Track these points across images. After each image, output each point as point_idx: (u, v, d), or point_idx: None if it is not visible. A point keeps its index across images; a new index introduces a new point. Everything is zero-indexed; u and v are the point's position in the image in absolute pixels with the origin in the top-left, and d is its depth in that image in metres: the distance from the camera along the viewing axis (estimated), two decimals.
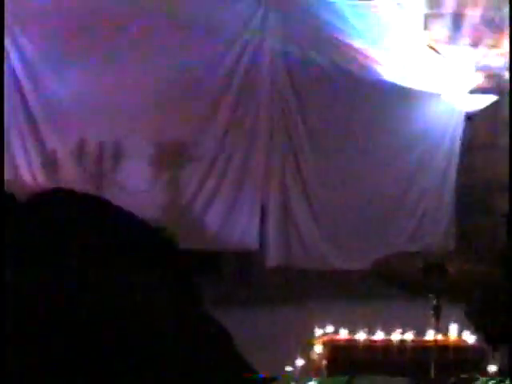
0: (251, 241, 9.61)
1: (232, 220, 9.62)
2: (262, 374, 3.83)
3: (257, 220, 9.65)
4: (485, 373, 5.73)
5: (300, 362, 6.03)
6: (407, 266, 8.39)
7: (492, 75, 10.33)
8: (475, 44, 10.22)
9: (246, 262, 9.90)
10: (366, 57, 9.90)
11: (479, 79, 10.22)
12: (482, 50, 10.26)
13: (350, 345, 6.18)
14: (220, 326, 2.88)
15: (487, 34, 10.28)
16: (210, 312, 2.93)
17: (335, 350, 6.09)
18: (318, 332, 6.27)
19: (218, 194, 9.54)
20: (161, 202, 9.36)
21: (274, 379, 5.62)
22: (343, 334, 6.29)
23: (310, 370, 6.12)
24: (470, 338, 6.90)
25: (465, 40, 10.21)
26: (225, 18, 9.34)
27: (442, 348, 5.96)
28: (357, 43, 9.80)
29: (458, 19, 10.25)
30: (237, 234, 9.64)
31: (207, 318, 2.88)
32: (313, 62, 9.57)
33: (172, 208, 9.48)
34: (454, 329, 7.11)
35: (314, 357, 6.16)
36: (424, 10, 10.14)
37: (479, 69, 10.25)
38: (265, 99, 9.53)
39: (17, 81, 8.91)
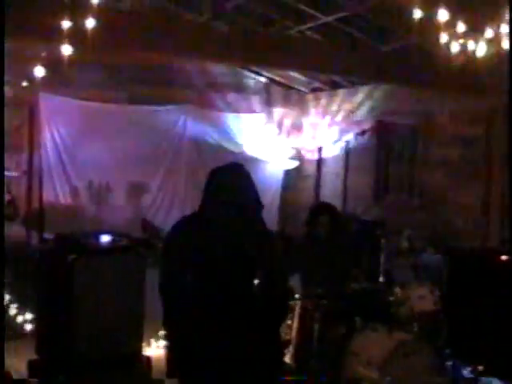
0: None
1: (167, 220, 10.31)
2: None
3: None
4: None
5: None
6: None
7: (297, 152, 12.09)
8: (288, 136, 12.21)
9: None
10: (235, 141, 11.61)
11: (292, 151, 12.07)
12: (291, 139, 12.22)
13: None
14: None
15: (293, 132, 12.28)
16: None
17: None
18: None
19: (159, 210, 11.04)
20: (130, 214, 10.72)
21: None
22: None
23: None
24: None
25: (283, 134, 12.22)
26: (163, 120, 10.90)
27: None
28: (230, 134, 11.57)
29: (280, 126, 12.20)
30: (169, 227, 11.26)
31: None
32: (210, 145, 11.32)
33: (135, 217, 10.68)
34: None
35: None
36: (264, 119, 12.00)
37: (292, 148, 12.12)
38: (184, 162, 11.23)
39: (56, 145, 9.98)
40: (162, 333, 6.08)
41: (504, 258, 6.94)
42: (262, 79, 11.97)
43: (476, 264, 6.72)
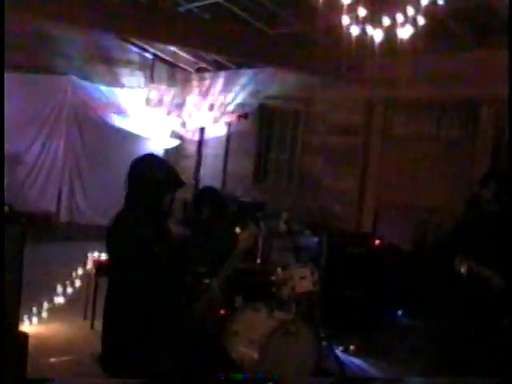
0: (53, 206, 10.84)
1: (43, 195, 10.72)
2: None
3: (56, 196, 10.86)
4: None
5: (79, 271, 6.58)
6: None
7: (175, 131, 12.03)
8: (169, 114, 12.05)
9: (49, 218, 10.76)
10: (115, 115, 11.27)
11: (171, 131, 11.98)
12: (171, 118, 12.05)
13: (106, 262, 5.04)
14: None
15: (174, 110, 12.10)
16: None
17: (98, 264, 6.19)
18: (91, 255, 6.47)
19: (35, 181, 10.72)
20: (6, 184, 10.83)
21: None
22: (103, 256, 6.30)
23: (85, 275, 6.41)
24: None
25: (163, 112, 12.03)
26: (43, 90, 10.49)
27: None
28: (110, 108, 11.21)
29: (161, 103, 12.01)
30: (46, 202, 10.77)
31: None
32: (89, 118, 11.00)
33: (12, 187, 9.59)
34: None
35: (88, 267, 6.40)
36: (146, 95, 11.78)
37: (171, 127, 11.98)
38: (63, 135, 10.88)
39: None
40: (35, 310, 5.87)
41: (377, 241, 7.21)
42: (148, 55, 11.79)
43: (350, 247, 6.91)
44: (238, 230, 4.37)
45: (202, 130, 11.65)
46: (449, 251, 5.34)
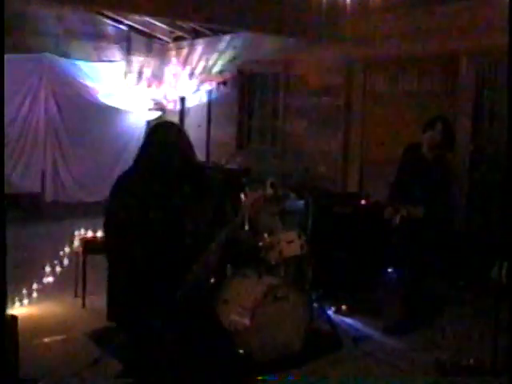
0: (36, 187, 10.66)
1: (27, 177, 10.55)
2: None
3: (39, 177, 10.70)
4: None
5: (67, 250, 6.31)
6: None
7: (156, 102, 12.01)
8: (149, 86, 12.05)
9: (35, 198, 10.60)
10: (94, 90, 11.21)
11: (152, 103, 11.97)
12: (152, 89, 12.09)
13: (93, 239, 6.19)
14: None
15: (154, 82, 12.13)
16: None
17: (85, 241, 6.14)
18: (78, 233, 6.36)
19: (18, 162, 10.46)
20: None
21: None
22: (89, 234, 6.31)
23: (73, 253, 6.25)
24: None
25: (143, 84, 12.06)
26: (19, 69, 10.08)
27: None
28: (89, 83, 11.15)
29: (140, 75, 12.00)
30: (29, 183, 10.60)
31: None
32: (68, 95, 10.85)
33: None
34: None
35: (76, 245, 6.26)
36: (124, 68, 11.75)
37: (152, 99, 12.00)
38: (43, 113, 10.70)
39: None
40: (26, 291, 5.83)
41: (363, 202, 7.21)
42: (123, 27, 11.63)
43: (337, 208, 6.88)
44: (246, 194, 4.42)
45: (182, 99, 11.55)
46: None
